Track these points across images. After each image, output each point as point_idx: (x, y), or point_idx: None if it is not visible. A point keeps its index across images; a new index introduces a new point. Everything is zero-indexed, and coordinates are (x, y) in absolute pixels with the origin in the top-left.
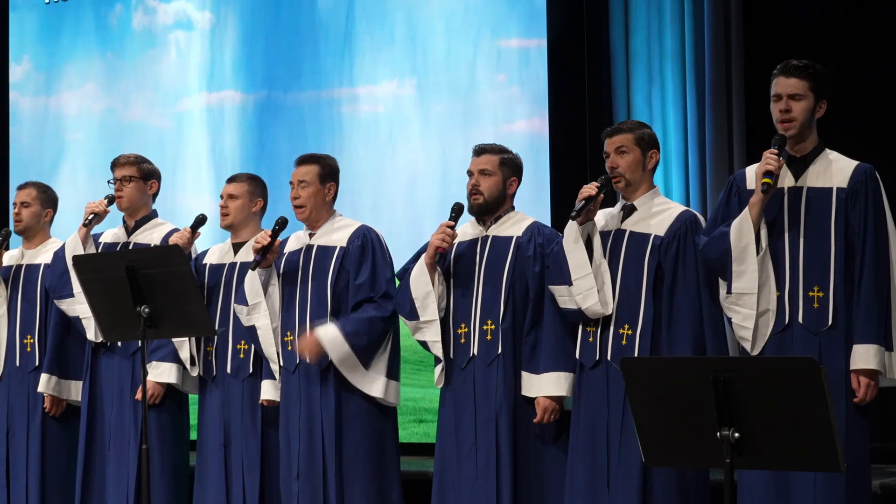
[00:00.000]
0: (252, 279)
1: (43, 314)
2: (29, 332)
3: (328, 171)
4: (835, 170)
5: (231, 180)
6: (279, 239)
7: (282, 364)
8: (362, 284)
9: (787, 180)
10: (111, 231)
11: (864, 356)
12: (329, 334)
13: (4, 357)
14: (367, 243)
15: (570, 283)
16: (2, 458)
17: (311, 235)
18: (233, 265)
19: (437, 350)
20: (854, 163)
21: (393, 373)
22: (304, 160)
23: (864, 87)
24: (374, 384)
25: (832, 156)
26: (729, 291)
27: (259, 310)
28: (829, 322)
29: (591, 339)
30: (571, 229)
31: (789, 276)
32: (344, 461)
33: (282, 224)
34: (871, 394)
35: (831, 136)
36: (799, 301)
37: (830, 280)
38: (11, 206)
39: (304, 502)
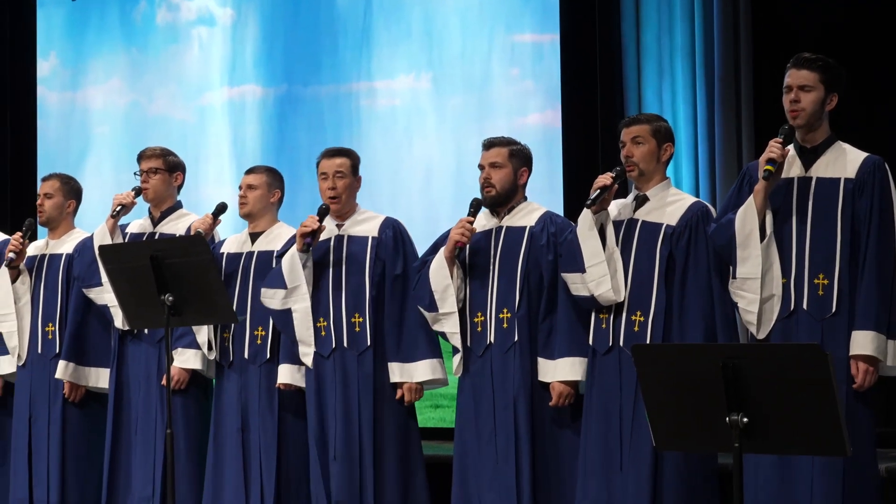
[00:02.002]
0: (293, 262)
1: (64, 303)
2: (50, 320)
3: (356, 164)
4: (844, 161)
5: (250, 172)
6: (324, 225)
7: (315, 349)
8: (398, 277)
9: (797, 170)
10: (137, 222)
11: (861, 342)
12: (424, 370)
13: (27, 344)
14: (397, 234)
15: (583, 271)
16: (25, 443)
17: (338, 226)
18: (251, 254)
19: (456, 341)
20: (863, 154)
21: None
22: (335, 153)
23: (871, 80)
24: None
25: (843, 147)
26: (734, 276)
27: (299, 293)
28: (833, 309)
29: (603, 326)
30: (586, 218)
31: (795, 263)
32: (378, 444)
33: (326, 210)
34: (869, 380)
35: (840, 129)
36: (804, 288)
37: (836, 268)
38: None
39: (342, 484)
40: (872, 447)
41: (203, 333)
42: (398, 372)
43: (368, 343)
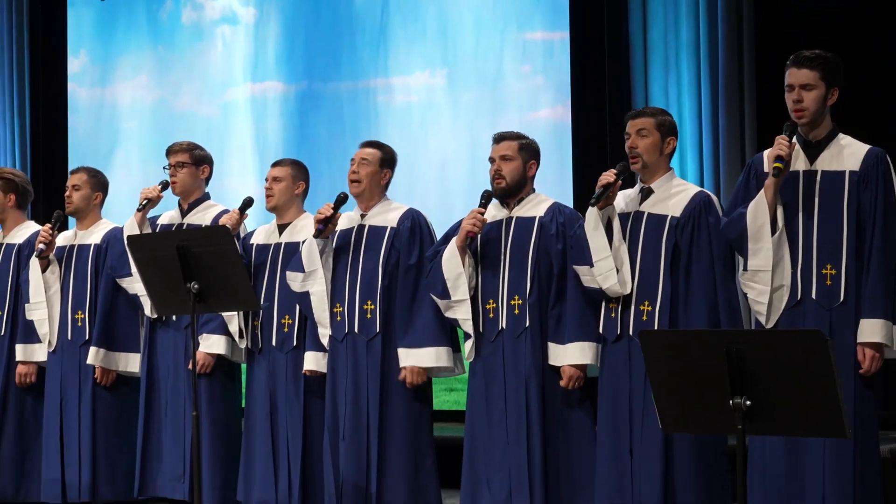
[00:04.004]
0: (311, 247)
1: (93, 291)
2: (80, 308)
3: (387, 159)
4: (847, 154)
5: (275, 165)
6: (339, 212)
7: (331, 333)
8: (412, 266)
9: (802, 164)
10: (168, 213)
11: (869, 330)
12: (429, 356)
13: (58, 331)
14: (416, 225)
15: (591, 265)
16: (57, 424)
17: (362, 216)
18: (278, 245)
19: (468, 327)
20: (866, 147)
21: (457, 346)
22: (369, 143)
23: (873, 74)
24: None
25: (845, 140)
26: (745, 268)
27: (315, 277)
28: (841, 298)
29: (612, 315)
30: (592, 214)
31: (803, 254)
32: (385, 426)
33: (342, 199)
34: (875, 365)
35: (842, 122)
36: (812, 278)
37: (842, 259)
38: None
39: (349, 463)
40: (877, 429)
41: (234, 322)
42: (404, 356)
43: (377, 329)
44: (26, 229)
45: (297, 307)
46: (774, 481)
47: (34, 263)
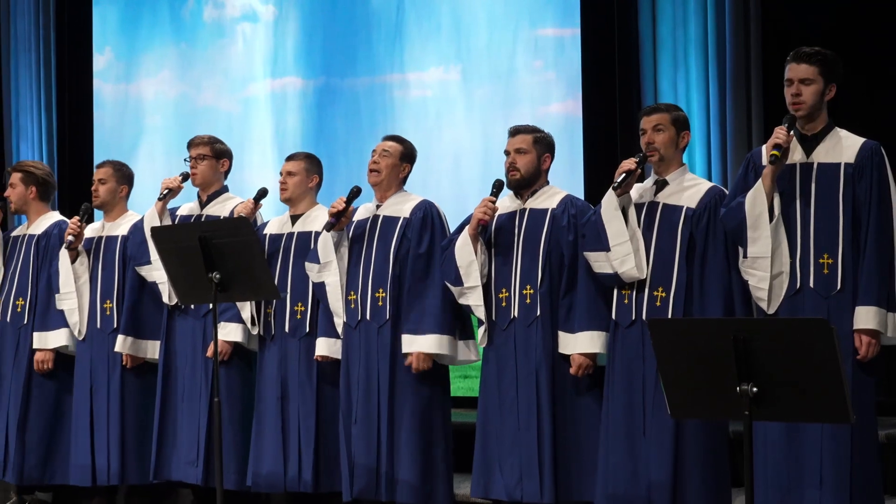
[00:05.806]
0: (325, 240)
1: (121, 281)
2: (108, 298)
3: (407, 153)
4: (843, 146)
5: (290, 158)
6: (352, 206)
7: (345, 320)
8: (421, 255)
9: (799, 156)
10: (187, 205)
11: (864, 317)
12: (431, 342)
13: (87, 320)
14: (427, 216)
15: (607, 249)
16: (87, 410)
17: (378, 206)
18: (291, 234)
19: (480, 313)
20: (861, 140)
21: (467, 333)
22: (391, 137)
23: (875, 69)
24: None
25: (841, 134)
26: (745, 256)
27: (330, 268)
28: (838, 287)
29: (626, 301)
30: (611, 199)
31: (801, 244)
32: (395, 410)
33: (356, 193)
34: (871, 351)
35: (845, 117)
36: (810, 267)
37: (839, 248)
38: None
39: (361, 445)
40: (875, 414)
41: (246, 310)
42: (408, 343)
43: (387, 317)
44: (48, 220)
45: (310, 294)
46: (775, 467)
47: (63, 255)
